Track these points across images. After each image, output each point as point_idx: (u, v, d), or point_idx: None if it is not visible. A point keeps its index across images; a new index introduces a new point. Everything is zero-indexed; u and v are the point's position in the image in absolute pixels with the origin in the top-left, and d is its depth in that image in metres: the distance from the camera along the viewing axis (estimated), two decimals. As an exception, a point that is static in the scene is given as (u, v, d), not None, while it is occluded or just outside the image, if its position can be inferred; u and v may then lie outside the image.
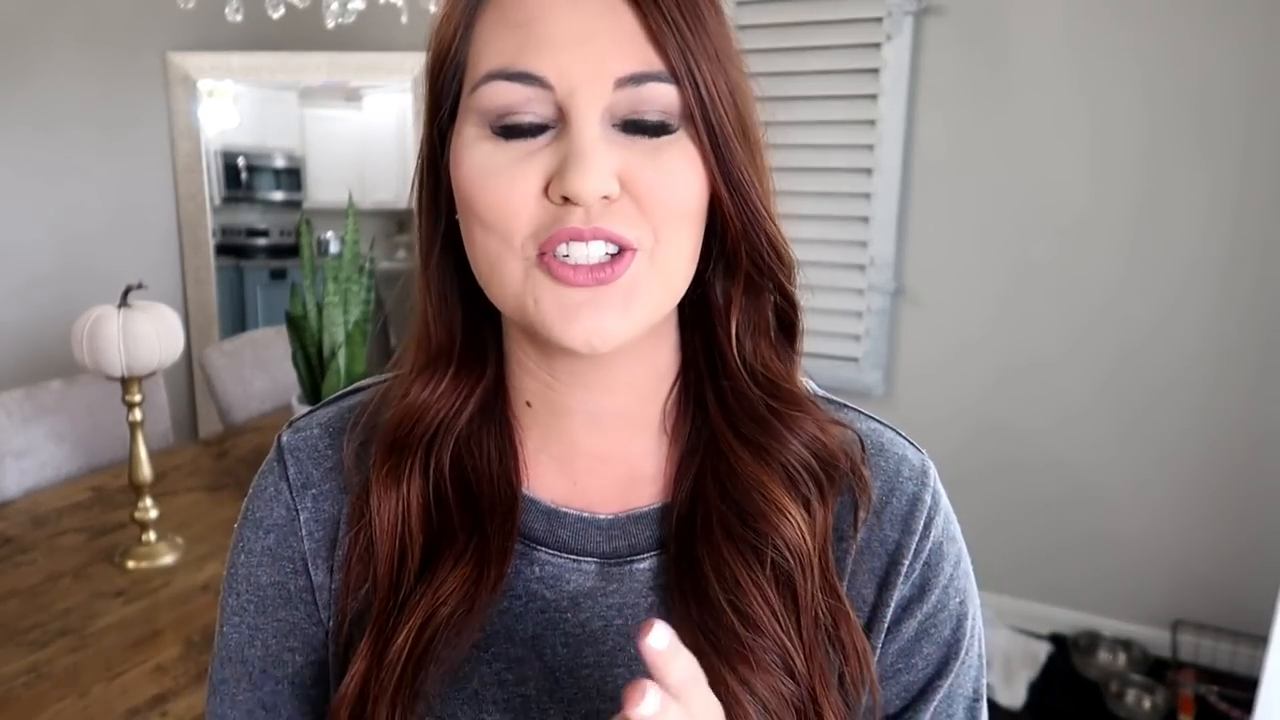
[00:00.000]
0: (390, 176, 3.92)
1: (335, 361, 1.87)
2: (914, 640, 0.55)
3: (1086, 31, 2.37)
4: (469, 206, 0.49)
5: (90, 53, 3.00)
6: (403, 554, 0.54)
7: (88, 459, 2.14)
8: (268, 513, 0.58)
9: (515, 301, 0.49)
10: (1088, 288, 2.48)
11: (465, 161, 0.48)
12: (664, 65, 0.46)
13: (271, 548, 0.58)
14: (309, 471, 0.58)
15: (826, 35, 2.59)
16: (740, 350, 0.54)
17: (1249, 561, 2.38)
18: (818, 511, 0.53)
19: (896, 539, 0.55)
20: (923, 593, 0.55)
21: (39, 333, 2.91)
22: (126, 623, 1.45)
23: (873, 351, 2.73)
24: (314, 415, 0.61)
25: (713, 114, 0.48)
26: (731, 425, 0.54)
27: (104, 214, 3.10)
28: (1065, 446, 2.57)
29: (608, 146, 0.46)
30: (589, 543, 0.55)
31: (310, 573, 0.57)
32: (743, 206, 0.50)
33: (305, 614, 0.58)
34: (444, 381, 0.55)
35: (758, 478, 0.53)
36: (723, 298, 0.54)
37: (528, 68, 0.46)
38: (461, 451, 0.55)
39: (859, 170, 2.65)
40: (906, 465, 0.57)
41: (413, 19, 2.27)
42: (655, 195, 0.47)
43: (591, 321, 0.47)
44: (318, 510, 0.57)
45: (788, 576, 0.52)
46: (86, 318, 1.59)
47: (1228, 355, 2.36)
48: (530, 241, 0.47)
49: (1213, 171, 2.30)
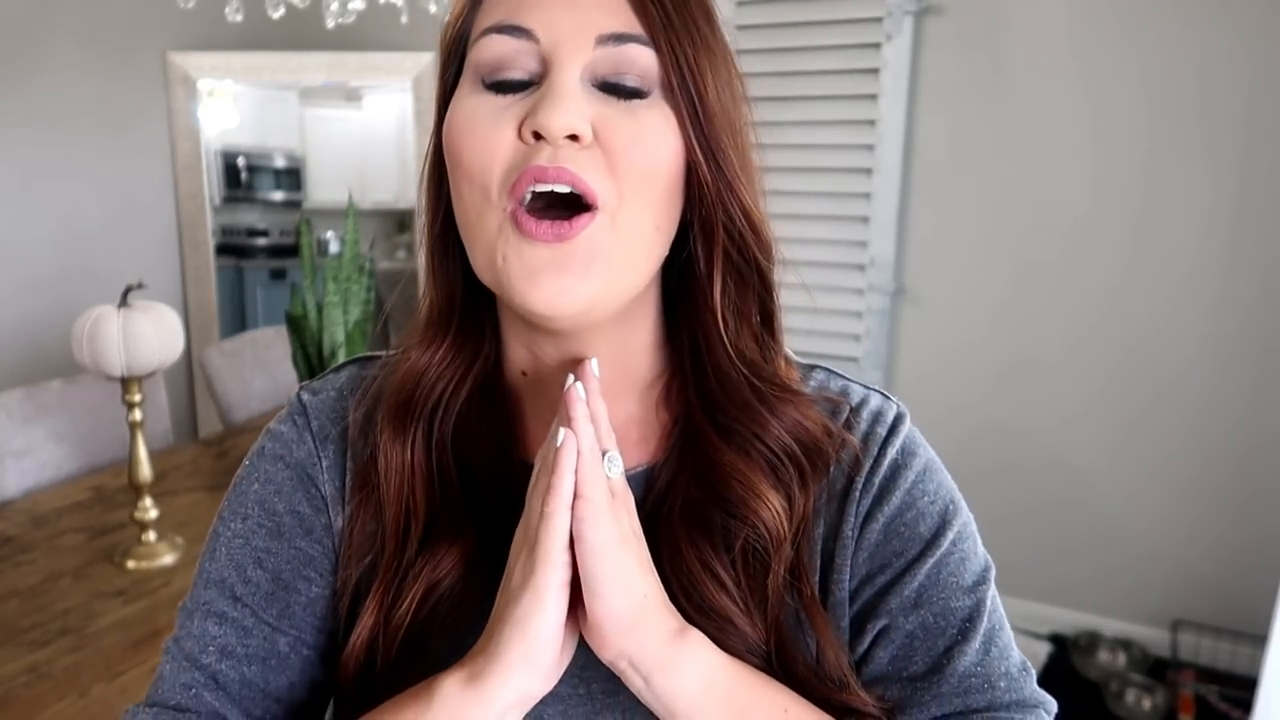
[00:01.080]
0: (390, 176, 3.93)
1: (335, 361, 1.87)
2: (883, 541, 0.56)
3: (1087, 31, 2.37)
4: (455, 157, 0.52)
5: (90, 53, 3.00)
6: (407, 521, 0.56)
7: (88, 459, 2.14)
8: (288, 451, 0.60)
9: (487, 259, 0.51)
10: (1088, 288, 2.48)
11: (456, 114, 0.52)
12: (645, 30, 0.50)
13: (293, 480, 0.60)
14: (329, 429, 0.61)
15: (826, 35, 2.59)
16: (726, 329, 0.56)
17: (1249, 561, 2.38)
18: (798, 499, 0.55)
19: (850, 461, 0.57)
20: (882, 498, 0.57)
21: (39, 333, 2.91)
22: (126, 623, 1.45)
23: (873, 351, 2.73)
24: (329, 379, 0.64)
25: (690, 83, 0.50)
26: (710, 416, 0.56)
27: (104, 214, 3.10)
28: (1065, 446, 2.57)
29: (584, 96, 0.49)
30: None
31: (330, 515, 0.59)
32: (718, 175, 0.52)
33: (323, 550, 0.59)
34: (443, 348, 0.57)
35: (737, 466, 0.54)
36: (705, 272, 0.55)
37: (518, 21, 0.50)
38: (461, 425, 0.58)
39: (859, 170, 2.65)
40: (866, 409, 0.60)
41: (413, 19, 2.27)
42: (626, 150, 0.49)
43: (553, 284, 0.49)
44: (334, 464, 0.60)
45: (762, 559, 0.54)
46: (86, 318, 1.59)
47: (1228, 355, 2.36)
48: (504, 193, 0.50)
49: (1213, 171, 2.30)
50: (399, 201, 3.94)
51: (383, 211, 4.09)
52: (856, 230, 2.68)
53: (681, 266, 0.56)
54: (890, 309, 2.70)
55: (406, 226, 4.14)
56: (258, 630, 0.57)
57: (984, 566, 0.57)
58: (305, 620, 0.59)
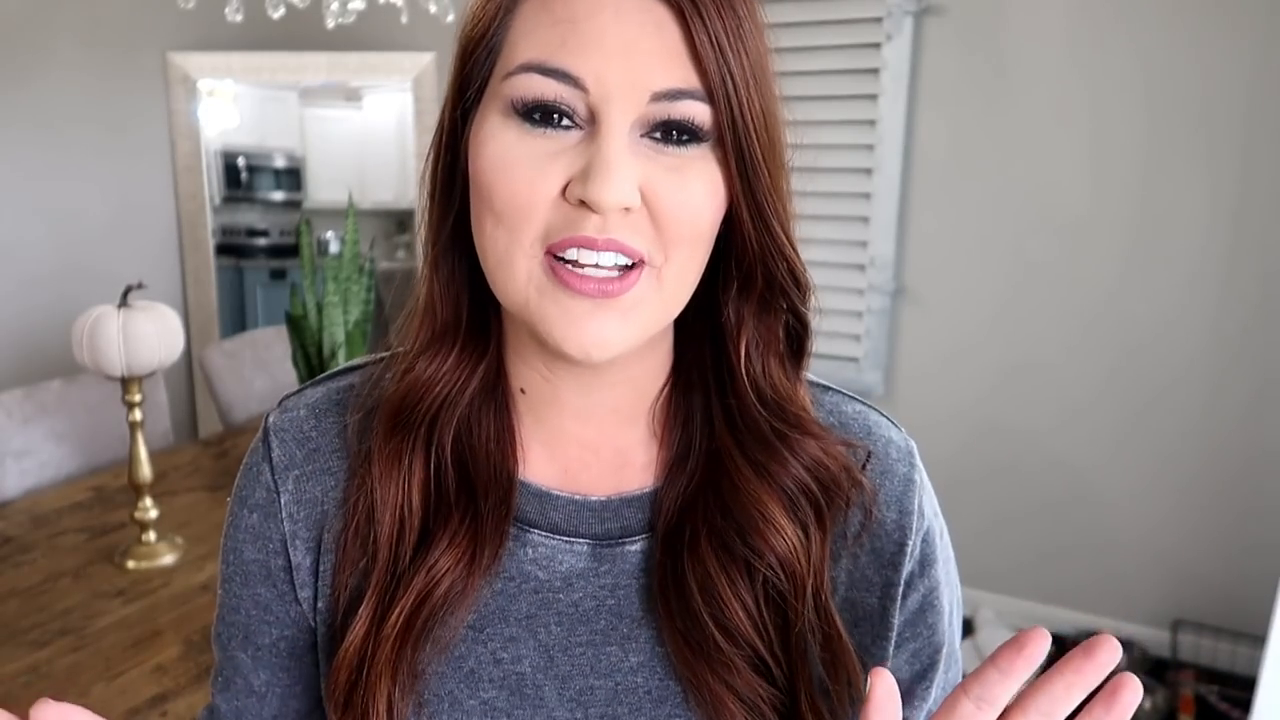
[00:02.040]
0: (390, 176, 3.92)
1: (335, 361, 1.87)
2: (919, 611, 0.58)
3: (1087, 31, 2.37)
4: (485, 196, 0.48)
5: (90, 53, 3.00)
6: (401, 528, 0.55)
7: (88, 459, 2.14)
8: (251, 492, 0.59)
9: (519, 299, 0.49)
10: (1088, 288, 2.48)
11: (488, 149, 0.48)
12: (701, 84, 0.46)
13: (255, 526, 0.59)
14: (293, 453, 0.58)
15: (826, 35, 2.59)
16: (749, 370, 0.55)
17: (1249, 561, 2.38)
18: (814, 536, 0.54)
19: (896, 520, 0.57)
20: (924, 568, 0.58)
21: (39, 333, 2.91)
22: (126, 623, 1.45)
23: (873, 351, 2.73)
24: (302, 395, 0.61)
25: (743, 136, 0.48)
26: (737, 441, 0.55)
27: (104, 214, 3.10)
28: (1065, 447, 2.57)
29: (633, 157, 0.46)
30: (581, 524, 0.56)
31: (289, 553, 0.58)
32: (763, 231, 0.50)
33: (279, 593, 0.59)
34: (449, 359, 0.55)
35: (757, 494, 0.53)
36: (735, 316, 0.54)
37: (566, 66, 0.45)
38: (462, 431, 0.56)
39: (859, 170, 2.65)
40: (894, 448, 0.58)
41: (413, 19, 2.27)
42: (673, 213, 0.47)
43: (592, 333, 0.47)
44: (299, 492, 0.57)
45: (779, 593, 0.53)
46: (86, 318, 1.59)
47: (1228, 355, 2.36)
48: (539, 243, 0.47)
49: (1213, 171, 2.30)
50: (399, 201, 3.94)
51: (383, 211, 4.09)
52: (856, 230, 2.68)
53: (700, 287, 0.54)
54: (890, 309, 2.70)
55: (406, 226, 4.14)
56: (242, 668, 0.62)
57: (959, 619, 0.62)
58: (274, 660, 0.61)
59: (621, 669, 0.54)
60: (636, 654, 0.55)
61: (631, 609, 0.55)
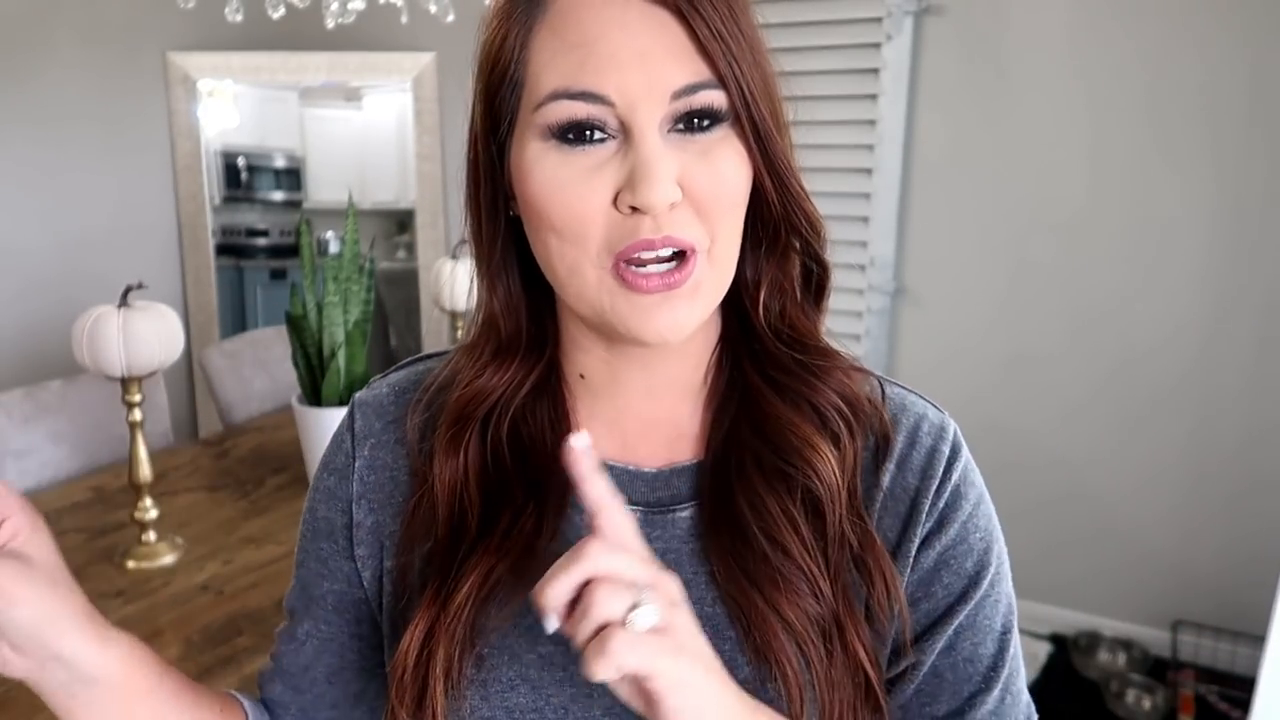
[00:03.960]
0: (390, 176, 3.92)
1: (335, 361, 1.87)
2: (933, 570, 0.59)
3: (1087, 31, 2.37)
4: (542, 218, 0.53)
5: (90, 53, 3.00)
6: (462, 514, 0.59)
7: (88, 459, 2.14)
8: (332, 457, 0.66)
9: (593, 304, 0.53)
10: (1088, 287, 2.47)
11: (535, 176, 0.52)
12: (712, 73, 0.51)
13: (330, 488, 0.65)
14: (372, 423, 0.65)
15: (826, 35, 2.59)
16: (768, 316, 0.60)
17: (1249, 561, 2.38)
18: (847, 447, 0.58)
19: (917, 484, 0.59)
20: (941, 527, 0.59)
21: (39, 333, 2.91)
22: (126, 623, 1.45)
23: (873, 351, 2.73)
24: (387, 376, 0.68)
25: (754, 111, 0.52)
26: (763, 373, 0.60)
27: (104, 214, 3.10)
28: (1065, 446, 2.57)
29: (667, 153, 0.50)
30: (635, 493, 0.60)
31: (353, 511, 0.64)
32: (784, 191, 0.56)
33: (338, 548, 0.65)
34: (511, 368, 0.60)
35: (789, 418, 0.58)
36: (751, 270, 0.59)
37: (591, 87, 0.50)
38: (518, 421, 0.61)
39: (859, 170, 2.65)
40: (926, 422, 0.61)
41: (413, 19, 2.27)
42: (711, 192, 0.52)
43: (666, 319, 0.52)
44: (373, 458, 0.64)
45: (816, 505, 0.57)
46: (86, 318, 1.59)
47: (1227, 355, 2.36)
48: (605, 252, 0.52)
49: (1212, 170, 2.30)
50: (399, 201, 3.93)
51: (383, 211, 4.09)
52: (856, 230, 2.68)
53: None
54: (890, 309, 2.70)
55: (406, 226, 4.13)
56: (296, 615, 0.68)
57: (1010, 609, 0.61)
58: (318, 612, 0.67)
59: None
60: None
61: (683, 571, 0.57)
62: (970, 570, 0.59)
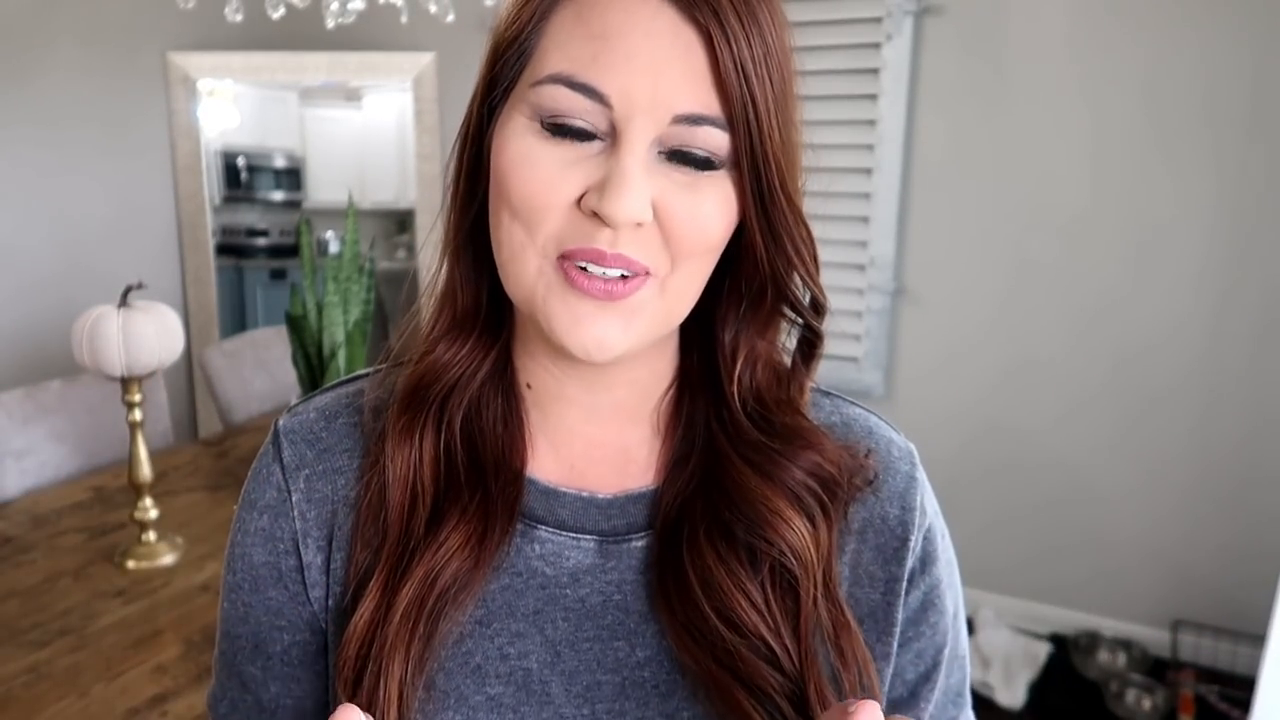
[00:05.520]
0: (390, 176, 3.93)
1: (335, 361, 1.87)
2: (920, 609, 0.59)
3: (1086, 31, 2.37)
4: (504, 192, 0.50)
5: (90, 53, 3.00)
6: (414, 503, 0.55)
7: (88, 459, 2.14)
8: (261, 494, 0.59)
9: (527, 293, 0.50)
10: (1088, 287, 2.48)
11: (510, 148, 0.49)
12: (723, 110, 0.47)
13: (265, 528, 0.58)
14: (303, 452, 0.59)
15: (826, 35, 2.59)
16: (740, 385, 0.56)
17: (1249, 561, 2.38)
18: (821, 526, 0.55)
19: (898, 515, 0.58)
20: (924, 565, 0.59)
21: (39, 333, 2.91)
22: (126, 623, 1.46)
23: (873, 351, 2.73)
24: (311, 401, 0.62)
25: (761, 163, 0.48)
26: (734, 446, 0.56)
27: (104, 214, 3.10)
28: (1065, 446, 2.57)
29: (648, 174, 0.47)
30: (588, 521, 0.57)
31: (300, 552, 0.58)
32: (777, 251, 0.52)
33: (292, 594, 0.58)
34: (465, 345, 0.57)
35: (761, 491, 0.54)
36: (732, 333, 0.56)
37: (594, 82, 0.47)
38: (471, 411, 0.57)
39: (859, 170, 2.65)
40: (895, 447, 0.60)
41: (413, 19, 2.27)
42: (684, 229, 0.49)
43: (595, 332, 0.49)
44: (310, 490, 0.58)
45: (790, 581, 0.54)
46: (86, 318, 1.59)
47: (1227, 355, 2.36)
48: (553, 243, 0.49)
49: (1212, 170, 2.30)
50: (399, 201, 3.94)
51: (383, 211, 4.09)
52: (856, 230, 2.68)
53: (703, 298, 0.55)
54: (890, 309, 2.70)
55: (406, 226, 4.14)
56: (251, 684, 0.60)
57: (964, 620, 0.63)
58: (284, 671, 0.59)
59: (629, 664, 0.55)
60: (643, 648, 0.55)
61: (638, 604, 0.55)
62: (947, 605, 0.60)
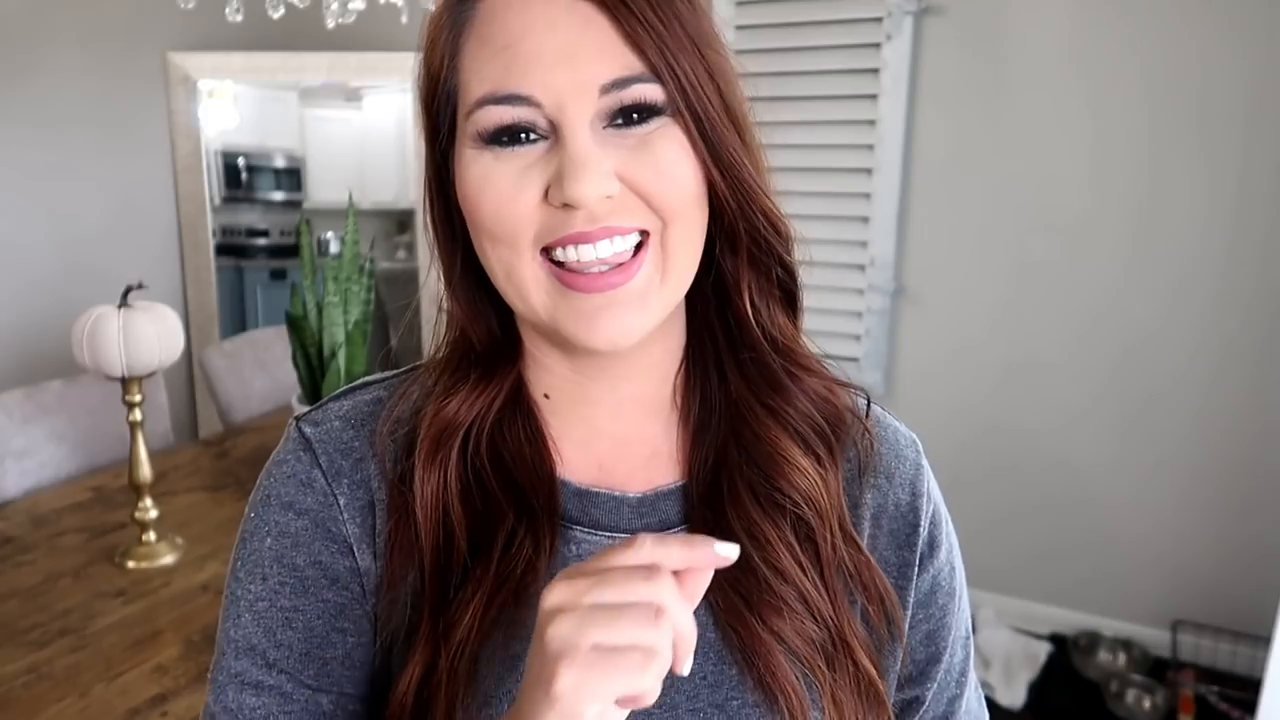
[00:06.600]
0: (390, 176, 3.92)
1: (335, 361, 1.87)
2: (929, 592, 0.61)
3: (1087, 31, 2.37)
4: (475, 220, 0.51)
5: (90, 53, 3.00)
6: (448, 539, 0.55)
7: (88, 459, 2.14)
8: (299, 498, 0.57)
9: (534, 307, 0.52)
10: (1088, 288, 2.48)
11: (468, 177, 0.51)
12: (644, 66, 0.49)
13: (309, 529, 0.56)
14: (339, 462, 0.57)
15: (826, 35, 2.59)
16: (758, 319, 0.57)
17: (1249, 562, 2.38)
18: (829, 467, 0.57)
19: (909, 501, 0.60)
20: (932, 549, 0.61)
21: (39, 333, 2.91)
22: (126, 623, 1.46)
23: (873, 351, 2.73)
24: (329, 409, 0.60)
25: (696, 103, 0.50)
26: (753, 390, 0.58)
27: (104, 214, 3.10)
28: (1065, 446, 2.57)
29: (601, 149, 0.49)
30: (622, 520, 0.57)
31: (356, 556, 0.56)
32: (736, 187, 0.53)
33: (352, 596, 0.56)
34: (481, 380, 0.58)
35: (776, 438, 0.57)
36: (733, 273, 0.57)
37: (516, 89, 0.48)
38: (495, 438, 0.58)
39: (859, 170, 2.65)
40: (902, 435, 0.63)
41: (413, 19, 2.27)
42: (655, 184, 0.50)
43: (613, 324, 0.50)
44: (353, 498, 0.57)
45: (807, 530, 0.56)
46: (87, 318, 1.59)
47: (1228, 355, 2.36)
48: (537, 245, 0.50)
49: (1213, 171, 2.30)
50: (399, 201, 3.94)
51: (383, 211, 4.09)
52: (856, 230, 2.68)
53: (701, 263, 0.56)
54: (890, 309, 2.70)
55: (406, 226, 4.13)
56: (298, 694, 0.55)
57: (967, 601, 0.65)
58: (344, 675, 0.56)
59: None
60: None
61: None
62: (952, 587, 0.62)
